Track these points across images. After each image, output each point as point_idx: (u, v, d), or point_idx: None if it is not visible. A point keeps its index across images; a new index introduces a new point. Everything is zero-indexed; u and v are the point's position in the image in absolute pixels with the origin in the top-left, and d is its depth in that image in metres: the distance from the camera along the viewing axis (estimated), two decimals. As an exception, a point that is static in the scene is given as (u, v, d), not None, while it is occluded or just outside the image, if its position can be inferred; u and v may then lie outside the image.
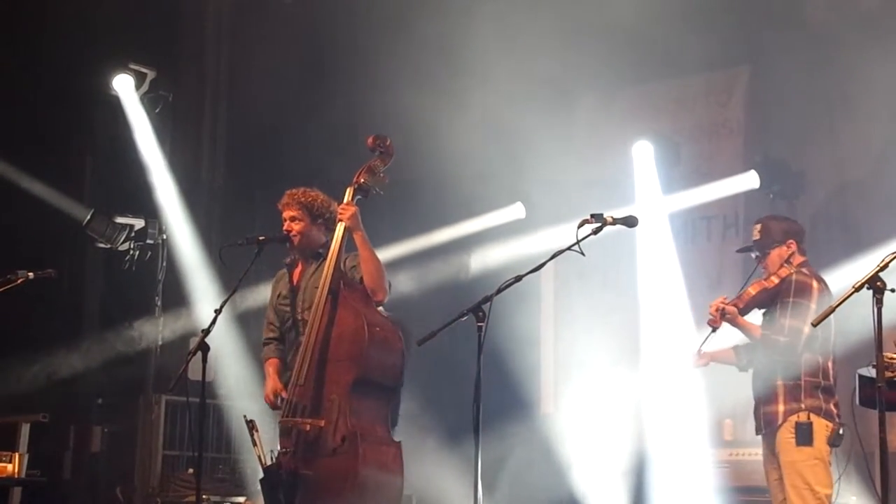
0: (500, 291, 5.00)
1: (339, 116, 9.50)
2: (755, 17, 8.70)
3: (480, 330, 4.93)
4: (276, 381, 5.81)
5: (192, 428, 7.16)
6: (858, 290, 4.44)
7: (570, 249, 5.03)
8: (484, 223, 9.81)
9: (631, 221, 5.17)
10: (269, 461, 5.57)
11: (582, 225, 5.05)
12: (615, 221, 5.11)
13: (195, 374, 5.68)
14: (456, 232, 9.81)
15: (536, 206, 9.62)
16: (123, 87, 9.40)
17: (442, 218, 9.70)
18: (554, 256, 5.11)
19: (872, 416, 4.50)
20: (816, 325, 4.76)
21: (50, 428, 8.17)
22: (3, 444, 7.55)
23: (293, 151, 9.90)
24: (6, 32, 9.35)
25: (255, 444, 5.61)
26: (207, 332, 5.50)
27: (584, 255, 4.98)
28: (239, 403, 8.73)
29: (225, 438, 9.07)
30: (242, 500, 8.31)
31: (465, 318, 5.00)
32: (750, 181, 8.63)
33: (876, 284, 4.42)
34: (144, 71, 9.46)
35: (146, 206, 9.49)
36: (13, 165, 9.08)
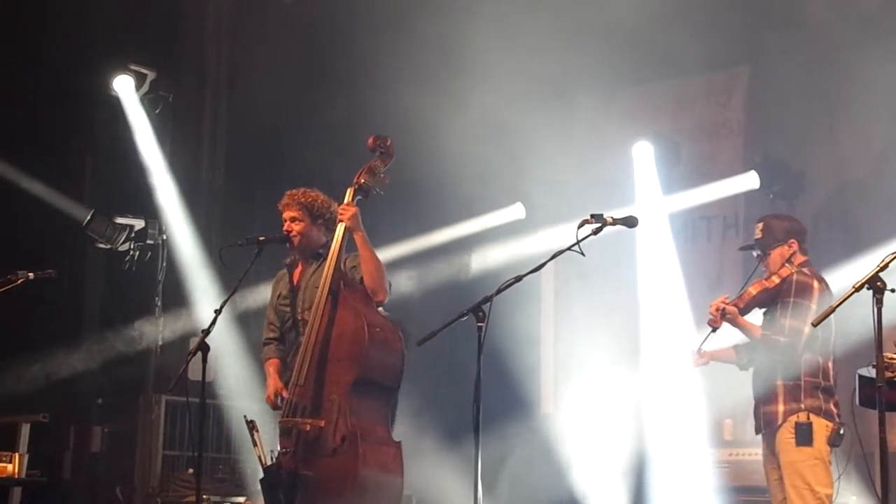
0: (500, 291, 5.00)
1: (339, 116, 9.49)
2: (755, 17, 8.70)
3: (480, 330, 4.93)
4: (277, 380, 5.82)
5: (192, 428, 7.16)
6: (858, 290, 4.44)
7: (570, 250, 5.03)
8: (484, 223, 9.81)
9: (631, 222, 5.17)
10: (269, 461, 5.57)
11: (582, 225, 5.05)
12: (615, 222, 5.11)
13: (195, 374, 5.68)
14: (456, 232, 9.81)
15: (536, 206, 9.62)
16: (123, 87, 9.41)
17: (442, 218, 9.70)
18: (554, 257, 5.11)
19: (872, 416, 4.50)
20: (816, 325, 4.77)
21: (50, 428, 8.17)
22: (3, 444, 7.55)
23: (293, 151, 9.89)
24: (6, 32, 9.34)
25: (255, 444, 5.62)
26: (207, 332, 5.51)
27: (584, 255, 4.98)
28: (239, 403, 8.74)
29: (225, 438, 9.07)
30: (242, 500, 8.31)
31: (465, 318, 5.00)
32: (750, 181, 8.63)
33: (876, 284, 4.42)
34: (144, 71, 9.46)
35: (146, 206, 9.49)
36: (13, 165, 9.07)
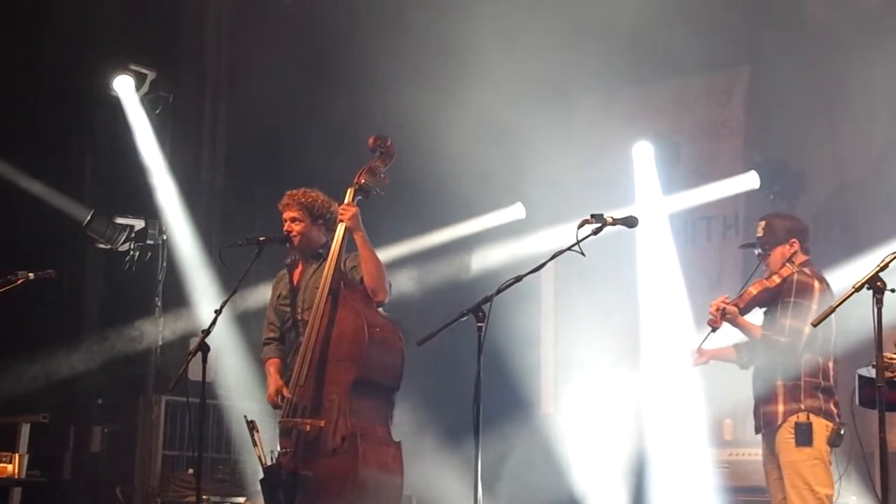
0: (500, 292, 5.00)
1: (339, 116, 9.49)
2: (755, 17, 8.70)
3: (480, 330, 4.93)
4: (278, 379, 5.82)
5: (192, 428, 7.16)
6: (858, 290, 4.44)
7: (570, 250, 5.03)
8: (484, 223, 9.80)
9: (631, 222, 5.17)
10: (269, 461, 5.57)
11: (582, 225, 5.04)
12: (615, 222, 5.11)
13: (195, 374, 5.68)
14: (456, 232, 9.80)
15: (536, 206, 9.61)
16: (123, 87, 9.41)
17: (442, 218, 9.70)
18: (554, 257, 5.11)
19: (872, 416, 4.50)
20: (816, 325, 4.76)
21: (50, 428, 8.17)
22: (3, 444, 7.55)
23: (293, 151, 9.89)
24: (6, 32, 9.34)
25: (255, 444, 5.62)
26: (207, 332, 5.51)
27: (584, 255, 4.98)
28: (239, 403, 8.74)
29: (225, 438, 9.07)
30: (242, 500, 8.31)
31: (465, 318, 5.00)
32: (750, 181, 8.62)
33: (876, 284, 4.42)
34: (144, 72, 9.46)
35: (146, 206, 9.49)
36: (13, 165, 9.08)
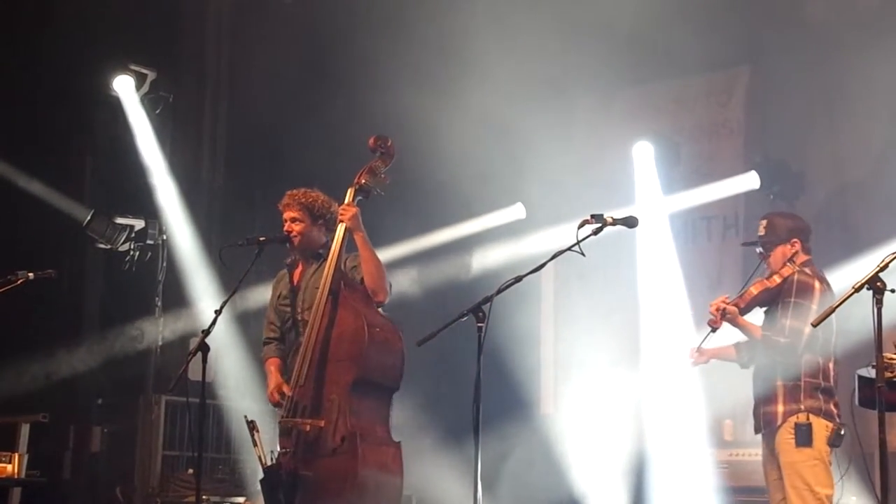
0: (500, 292, 5.00)
1: (339, 116, 9.48)
2: (755, 17, 8.70)
3: (480, 330, 4.93)
4: (278, 377, 5.82)
5: (192, 428, 7.16)
6: (858, 290, 4.44)
7: (570, 250, 5.03)
8: (484, 223, 9.80)
9: (631, 222, 5.17)
10: (269, 461, 5.57)
11: (582, 225, 5.05)
12: (615, 222, 5.11)
13: (195, 374, 5.69)
14: (456, 232, 9.80)
15: (536, 206, 9.61)
16: (123, 87, 9.41)
17: (442, 218, 9.69)
18: (554, 257, 5.11)
19: (872, 416, 4.50)
20: (816, 325, 4.76)
21: (50, 428, 8.17)
22: (3, 444, 7.55)
23: (293, 151, 9.89)
24: (6, 32, 9.34)
25: (255, 444, 5.62)
26: (207, 332, 5.51)
27: (584, 255, 4.98)
28: (239, 403, 8.74)
29: (225, 438, 9.07)
30: (242, 500, 8.31)
31: (465, 318, 5.00)
32: (750, 181, 8.62)
33: (876, 285, 4.42)
34: (144, 71, 9.46)
35: (146, 206, 9.49)
36: (13, 165, 9.08)
